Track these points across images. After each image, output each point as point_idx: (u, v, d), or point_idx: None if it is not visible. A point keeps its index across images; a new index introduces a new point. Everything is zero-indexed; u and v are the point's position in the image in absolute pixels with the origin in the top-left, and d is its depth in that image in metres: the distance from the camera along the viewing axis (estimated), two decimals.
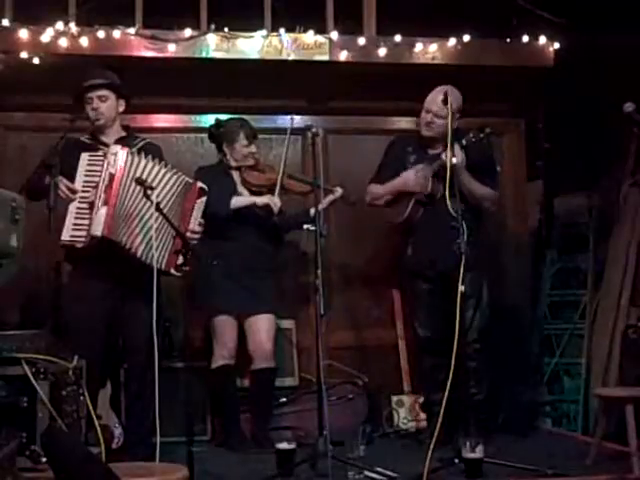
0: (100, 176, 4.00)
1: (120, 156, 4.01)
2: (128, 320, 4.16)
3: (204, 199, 4.25)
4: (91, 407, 3.79)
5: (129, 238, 4.00)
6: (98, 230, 3.93)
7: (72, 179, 4.05)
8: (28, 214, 4.07)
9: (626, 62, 5.18)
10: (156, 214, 3.86)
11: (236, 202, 4.65)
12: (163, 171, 4.09)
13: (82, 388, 3.78)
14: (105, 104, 4.23)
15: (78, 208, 4.02)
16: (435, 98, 4.54)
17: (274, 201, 4.66)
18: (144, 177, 3.97)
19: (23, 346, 3.64)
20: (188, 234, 4.08)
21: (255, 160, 4.80)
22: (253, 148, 4.79)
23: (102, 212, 3.95)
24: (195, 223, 4.19)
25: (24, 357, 3.57)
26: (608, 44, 5.28)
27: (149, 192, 3.85)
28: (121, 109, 4.32)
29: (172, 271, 4.06)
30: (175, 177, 4.14)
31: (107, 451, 3.73)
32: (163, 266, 4.02)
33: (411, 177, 4.57)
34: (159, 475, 3.11)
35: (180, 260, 4.03)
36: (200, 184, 4.26)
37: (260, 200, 4.69)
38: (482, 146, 4.48)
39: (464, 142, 4.37)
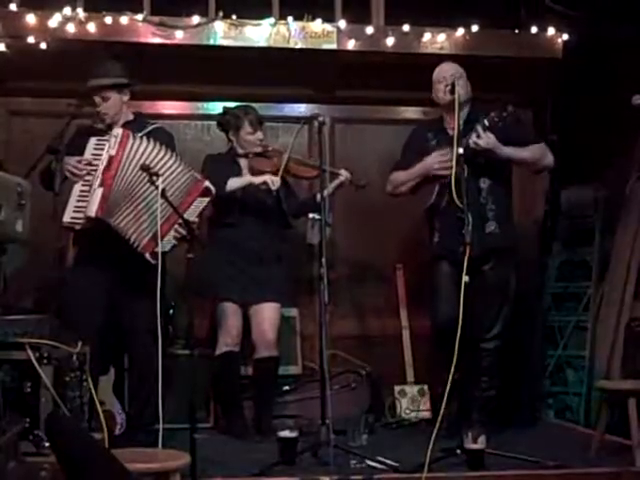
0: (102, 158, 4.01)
1: (120, 138, 4.00)
2: (131, 306, 4.16)
3: (206, 200, 4.19)
4: (94, 393, 3.81)
5: (121, 219, 3.98)
6: (92, 210, 3.93)
7: None
8: (33, 199, 4.08)
9: (634, 54, 5.15)
10: (155, 199, 3.83)
11: (233, 183, 4.60)
12: (167, 158, 4.04)
13: (86, 374, 3.79)
14: (108, 103, 4.22)
15: (81, 191, 4.02)
16: (443, 66, 4.55)
17: (272, 179, 4.59)
18: (146, 162, 3.92)
19: (27, 331, 3.65)
20: (176, 226, 4.02)
21: (263, 147, 4.78)
22: (259, 135, 4.77)
23: (97, 193, 3.95)
24: (191, 217, 4.06)
25: (28, 342, 3.58)
26: (617, 36, 5.26)
27: (154, 179, 3.84)
28: (126, 98, 4.29)
29: (147, 256, 3.98)
30: (182, 169, 4.08)
31: (110, 437, 3.75)
32: (139, 248, 3.99)
33: (434, 160, 4.47)
34: (161, 461, 3.11)
35: (161, 247, 3.95)
36: (207, 183, 4.19)
37: (257, 179, 4.63)
38: (508, 124, 4.35)
39: (486, 123, 4.29)
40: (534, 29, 5.42)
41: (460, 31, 5.34)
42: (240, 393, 4.76)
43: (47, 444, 3.34)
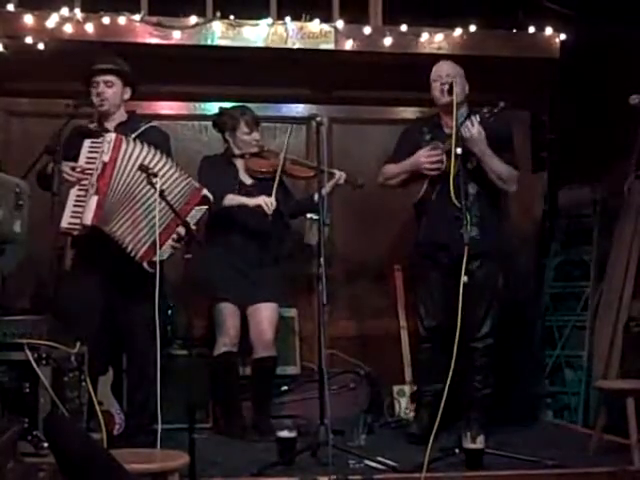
0: (96, 163, 4.00)
1: (113, 144, 3.98)
2: (129, 306, 4.16)
3: (204, 208, 4.19)
4: (93, 393, 3.80)
5: (117, 226, 3.98)
6: (88, 219, 3.93)
7: None
8: (32, 200, 4.08)
9: (632, 54, 5.16)
10: (157, 201, 3.81)
11: (229, 201, 4.60)
12: (163, 162, 4.03)
13: (84, 374, 3.79)
14: (110, 90, 4.23)
15: (77, 195, 4.01)
16: (440, 65, 4.52)
17: (266, 202, 4.57)
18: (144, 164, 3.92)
19: (26, 331, 3.64)
20: (174, 235, 4.01)
21: (259, 147, 4.78)
22: (256, 135, 4.77)
23: (93, 200, 3.94)
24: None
25: (27, 342, 3.58)
26: (614, 36, 5.27)
27: (153, 179, 3.82)
28: (126, 96, 4.31)
29: (144, 265, 3.98)
30: (179, 175, 4.07)
31: (108, 437, 3.75)
32: (137, 257, 3.99)
33: (423, 156, 4.46)
34: (160, 462, 3.11)
35: (159, 256, 3.93)
36: (205, 192, 4.19)
37: (252, 202, 4.61)
38: (498, 122, 4.38)
39: (478, 118, 4.30)
40: (532, 29, 5.42)
41: (458, 31, 5.34)
42: (239, 393, 4.76)
43: (46, 444, 3.33)
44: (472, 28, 5.35)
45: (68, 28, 4.95)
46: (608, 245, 5.39)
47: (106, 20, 5.00)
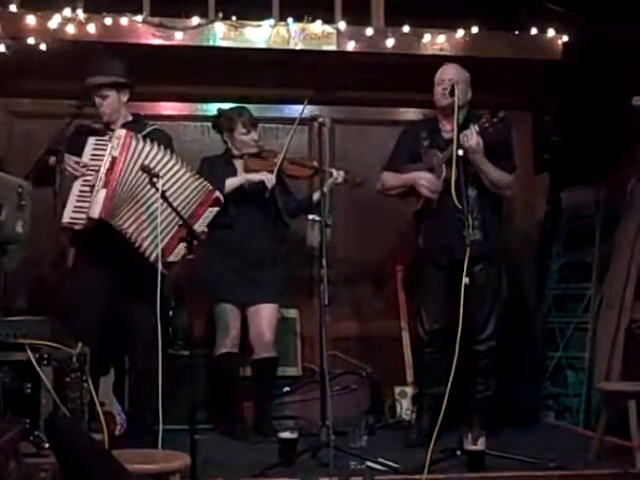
0: (103, 159, 4.00)
1: (123, 140, 3.99)
2: (131, 307, 4.16)
3: (216, 209, 4.23)
4: (94, 394, 3.80)
5: (127, 223, 3.98)
6: (95, 212, 3.92)
7: None
8: (34, 200, 4.08)
9: (635, 56, 5.16)
10: (159, 202, 3.81)
11: (230, 183, 4.61)
12: (172, 162, 4.05)
13: (86, 375, 3.79)
14: (106, 101, 4.22)
15: (80, 191, 4.01)
16: (445, 68, 4.51)
17: (268, 177, 4.61)
18: (149, 164, 3.92)
19: (27, 332, 3.64)
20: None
21: (258, 148, 4.78)
22: (254, 136, 4.77)
23: (101, 194, 3.94)
24: (201, 227, 4.12)
25: (28, 343, 3.58)
26: (617, 37, 5.27)
27: (154, 180, 3.82)
28: (125, 98, 4.29)
29: (159, 267, 3.96)
30: (189, 175, 4.10)
31: (110, 438, 3.75)
32: (152, 258, 3.99)
33: (424, 180, 4.44)
34: (161, 462, 3.11)
35: (171, 258, 3.97)
36: (218, 193, 4.24)
37: (253, 177, 4.65)
38: (497, 130, 4.35)
39: (477, 128, 4.27)
40: (534, 30, 5.42)
41: (460, 32, 5.34)
42: (240, 394, 4.76)
43: (47, 445, 3.34)
44: (474, 29, 5.35)
45: (70, 29, 4.96)
46: (610, 246, 5.39)
47: (108, 21, 5.01)
